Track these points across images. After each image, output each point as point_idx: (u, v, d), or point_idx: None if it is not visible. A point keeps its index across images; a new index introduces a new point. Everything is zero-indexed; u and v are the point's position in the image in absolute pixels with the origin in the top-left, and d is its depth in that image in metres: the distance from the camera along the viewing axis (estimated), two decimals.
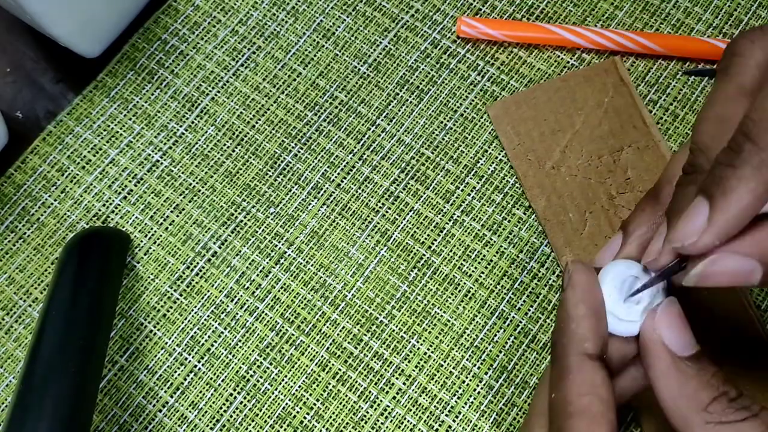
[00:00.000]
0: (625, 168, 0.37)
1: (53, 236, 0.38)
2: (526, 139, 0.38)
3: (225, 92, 0.41)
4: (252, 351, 0.36)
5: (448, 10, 0.42)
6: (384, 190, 0.39)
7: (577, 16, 0.41)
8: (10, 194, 0.39)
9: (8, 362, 0.36)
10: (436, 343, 0.36)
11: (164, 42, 0.42)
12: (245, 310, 0.37)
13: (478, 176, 0.39)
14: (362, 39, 0.41)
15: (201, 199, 0.39)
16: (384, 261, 0.37)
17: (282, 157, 0.39)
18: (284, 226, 0.38)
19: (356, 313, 0.36)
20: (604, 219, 0.37)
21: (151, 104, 0.40)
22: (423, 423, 0.35)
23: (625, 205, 0.37)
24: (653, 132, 0.38)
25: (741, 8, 0.41)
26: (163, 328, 0.36)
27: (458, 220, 0.38)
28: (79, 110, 0.40)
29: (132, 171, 0.39)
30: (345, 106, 0.40)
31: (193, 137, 0.40)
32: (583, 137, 0.38)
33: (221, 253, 0.38)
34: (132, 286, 0.37)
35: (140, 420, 0.35)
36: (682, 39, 0.40)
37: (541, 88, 0.39)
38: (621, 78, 0.39)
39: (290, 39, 0.42)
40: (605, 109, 0.39)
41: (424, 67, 0.41)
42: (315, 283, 0.37)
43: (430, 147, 0.39)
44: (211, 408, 0.35)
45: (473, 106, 0.40)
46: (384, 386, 0.35)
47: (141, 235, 0.38)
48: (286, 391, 0.35)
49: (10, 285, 0.37)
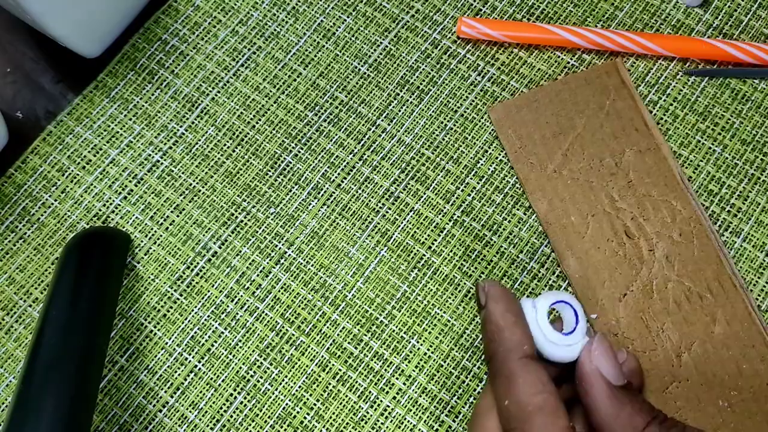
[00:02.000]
0: (627, 171, 0.37)
1: (53, 236, 0.38)
2: (528, 142, 0.38)
3: (225, 92, 0.41)
4: (252, 351, 0.36)
5: (448, 10, 0.42)
6: (384, 190, 0.39)
7: (577, 16, 0.41)
8: (10, 194, 0.39)
9: (8, 362, 0.36)
10: (436, 344, 0.36)
11: (164, 42, 0.42)
12: (245, 310, 0.37)
13: (479, 177, 0.39)
14: (363, 39, 0.41)
15: (201, 199, 0.39)
16: (384, 261, 0.37)
17: (282, 157, 0.39)
18: (284, 226, 0.38)
19: (356, 314, 0.36)
20: (606, 222, 0.37)
21: (152, 104, 0.40)
22: (423, 423, 0.35)
23: (626, 208, 0.37)
24: (655, 134, 0.38)
25: (741, 9, 0.41)
26: (163, 328, 0.36)
27: (458, 220, 0.38)
28: (80, 110, 0.40)
29: (132, 171, 0.39)
30: (345, 106, 0.40)
31: (193, 137, 0.40)
32: (584, 140, 0.38)
33: (221, 254, 0.38)
34: (132, 286, 0.37)
35: (140, 420, 0.35)
36: (682, 39, 0.40)
37: (542, 91, 0.39)
38: (622, 80, 0.39)
39: (290, 39, 0.42)
40: (606, 111, 0.38)
41: (425, 67, 0.41)
42: (315, 284, 0.37)
43: (431, 147, 0.39)
44: (212, 408, 0.35)
45: (473, 106, 0.40)
46: (384, 386, 0.35)
47: (141, 235, 0.38)
48: (286, 392, 0.35)
49: (10, 285, 0.37)
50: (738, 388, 0.33)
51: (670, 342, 0.34)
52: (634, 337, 0.34)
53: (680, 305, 0.35)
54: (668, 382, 0.34)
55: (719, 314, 0.34)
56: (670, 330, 0.34)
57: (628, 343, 0.34)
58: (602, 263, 0.36)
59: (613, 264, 0.36)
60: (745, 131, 0.39)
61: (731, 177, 0.38)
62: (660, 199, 0.37)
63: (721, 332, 0.34)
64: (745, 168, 0.38)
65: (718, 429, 0.33)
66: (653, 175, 0.37)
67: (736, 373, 0.34)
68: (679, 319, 0.35)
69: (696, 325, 0.34)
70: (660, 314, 0.35)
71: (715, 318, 0.34)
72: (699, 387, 0.33)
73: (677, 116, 0.39)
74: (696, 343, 0.34)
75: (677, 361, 0.34)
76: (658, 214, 0.36)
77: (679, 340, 0.34)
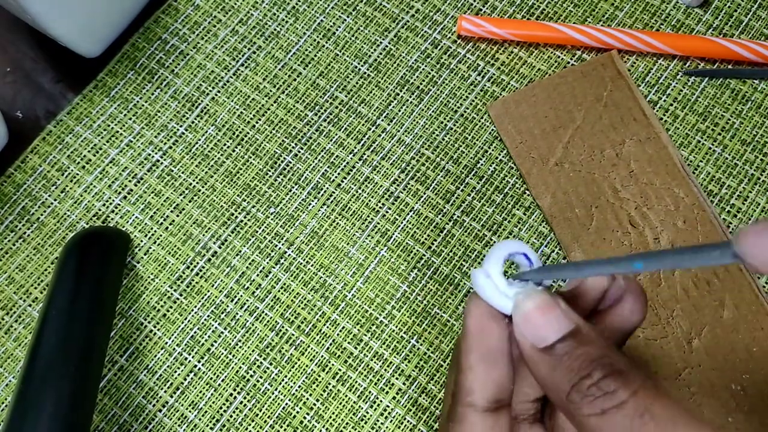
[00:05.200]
0: (628, 161, 0.38)
1: (53, 236, 0.38)
2: (528, 137, 0.38)
3: (225, 92, 0.41)
4: (252, 351, 0.36)
5: (448, 10, 0.42)
6: (384, 190, 0.39)
7: (577, 16, 0.41)
8: (10, 194, 0.39)
9: (8, 362, 0.36)
10: (436, 344, 0.36)
11: (164, 42, 0.42)
12: (245, 310, 0.37)
13: (478, 177, 0.39)
14: (363, 39, 0.41)
15: (201, 198, 0.39)
16: (384, 261, 0.37)
17: (282, 157, 0.39)
18: (284, 226, 0.38)
19: (356, 313, 0.36)
20: (610, 213, 0.37)
21: (152, 104, 0.40)
22: (423, 423, 0.35)
23: (630, 198, 0.37)
24: (654, 123, 0.38)
25: (741, 9, 0.41)
26: (163, 328, 0.36)
27: (458, 220, 0.38)
28: (79, 110, 0.40)
29: (132, 171, 0.39)
30: (345, 106, 0.40)
31: (193, 137, 0.40)
32: (584, 132, 0.38)
33: (221, 253, 0.38)
34: (132, 286, 0.37)
35: (140, 420, 0.35)
36: (683, 37, 0.40)
37: (540, 86, 0.39)
38: (618, 71, 0.39)
39: (291, 39, 0.42)
40: (605, 102, 0.39)
41: (425, 67, 0.41)
42: (315, 283, 0.37)
43: (431, 147, 0.39)
44: (211, 408, 0.35)
45: (473, 106, 0.40)
46: (384, 386, 0.35)
47: (141, 235, 0.38)
48: (286, 391, 0.35)
49: (9, 285, 0.37)
50: (749, 371, 0.34)
51: (680, 329, 0.35)
52: (645, 326, 0.35)
53: (688, 292, 0.35)
54: (680, 368, 0.34)
55: (727, 299, 0.35)
56: (680, 317, 0.35)
57: (639, 332, 0.35)
58: (609, 254, 0.36)
59: (619, 254, 0.36)
60: (745, 131, 0.39)
61: (731, 177, 0.38)
62: (662, 188, 0.37)
63: (730, 317, 0.34)
64: (745, 168, 0.38)
65: (732, 413, 0.33)
66: (654, 163, 0.37)
67: (746, 357, 0.34)
68: (689, 306, 0.35)
69: (705, 310, 0.35)
70: (669, 301, 0.35)
71: (723, 303, 0.35)
72: (711, 372, 0.34)
73: (677, 116, 0.39)
74: (706, 328, 0.34)
75: (688, 347, 0.34)
76: (661, 202, 0.37)
77: (689, 327, 0.35)
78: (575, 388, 0.21)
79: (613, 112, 0.38)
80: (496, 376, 0.25)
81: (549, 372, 0.22)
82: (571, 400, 0.21)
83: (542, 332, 0.23)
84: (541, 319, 0.23)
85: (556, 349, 0.22)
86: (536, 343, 0.23)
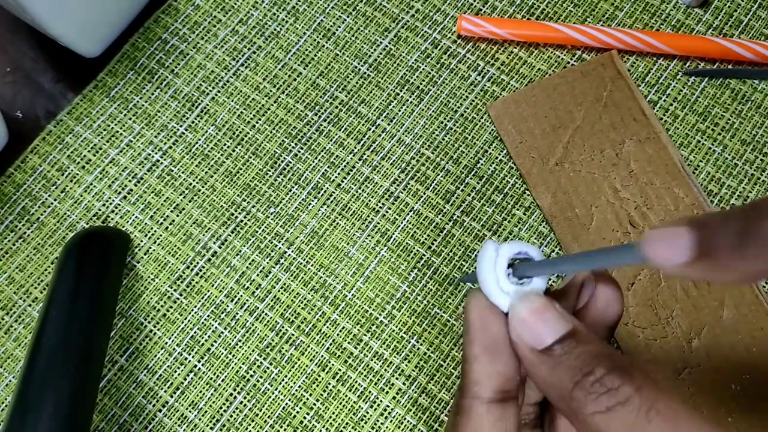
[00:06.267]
0: (628, 161, 0.38)
1: (53, 236, 0.38)
2: (528, 137, 0.39)
3: (225, 92, 0.41)
4: (252, 351, 0.36)
5: (448, 10, 0.42)
6: (384, 190, 0.39)
7: (577, 16, 0.41)
8: (9, 194, 0.39)
9: (8, 362, 0.36)
10: (436, 344, 0.36)
11: (164, 41, 0.42)
12: (245, 310, 0.37)
13: (478, 177, 0.39)
14: (363, 39, 0.41)
15: (201, 198, 0.39)
16: (384, 261, 0.37)
17: (282, 157, 0.39)
18: (284, 226, 0.38)
19: (356, 313, 0.36)
20: (610, 212, 0.37)
21: (152, 104, 0.40)
22: (423, 423, 0.35)
23: (630, 198, 0.37)
24: (653, 123, 0.38)
25: (741, 9, 0.41)
26: (163, 328, 0.36)
27: (458, 220, 0.38)
28: (79, 110, 0.40)
29: (132, 171, 0.39)
30: (345, 106, 0.40)
31: (193, 137, 0.40)
32: (584, 132, 0.38)
33: (221, 253, 0.38)
34: (132, 286, 0.37)
35: (140, 420, 0.35)
36: (683, 37, 0.40)
37: (539, 86, 0.39)
38: (618, 71, 0.39)
39: (291, 39, 0.42)
40: (604, 102, 0.39)
41: (425, 67, 0.41)
42: (315, 283, 0.37)
43: (431, 147, 0.39)
44: (211, 408, 0.35)
45: (473, 106, 0.40)
46: (384, 386, 0.35)
47: (141, 235, 0.38)
48: (286, 391, 0.35)
49: (9, 285, 0.37)
50: (749, 371, 0.34)
51: (680, 329, 0.35)
52: (645, 326, 0.35)
53: (688, 291, 0.35)
54: (680, 368, 0.34)
55: (727, 298, 0.35)
56: (680, 317, 0.35)
57: (639, 332, 0.35)
58: None
59: None
60: (745, 131, 0.39)
61: (731, 177, 0.38)
62: (662, 187, 0.37)
63: (730, 316, 0.34)
64: (745, 168, 0.38)
65: (732, 413, 0.33)
66: (654, 163, 0.37)
67: (746, 357, 0.34)
68: (688, 306, 0.35)
69: (705, 310, 0.35)
70: (669, 301, 0.35)
71: (723, 302, 0.35)
72: (711, 372, 0.34)
73: (677, 116, 0.39)
74: (705, 328, 0.35)
75: (688, 347, 0.34)
76: (661, 202, 0.37)
77: (689, 327, 0.35)
78: (578, 386, 0.21)
79: (613, 112, 0.38)
80: (501, 366, 0.24)
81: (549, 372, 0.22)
82: (573, 398, 0.21)
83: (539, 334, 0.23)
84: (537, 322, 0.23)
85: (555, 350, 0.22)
86: (534, 345, 0.22)
